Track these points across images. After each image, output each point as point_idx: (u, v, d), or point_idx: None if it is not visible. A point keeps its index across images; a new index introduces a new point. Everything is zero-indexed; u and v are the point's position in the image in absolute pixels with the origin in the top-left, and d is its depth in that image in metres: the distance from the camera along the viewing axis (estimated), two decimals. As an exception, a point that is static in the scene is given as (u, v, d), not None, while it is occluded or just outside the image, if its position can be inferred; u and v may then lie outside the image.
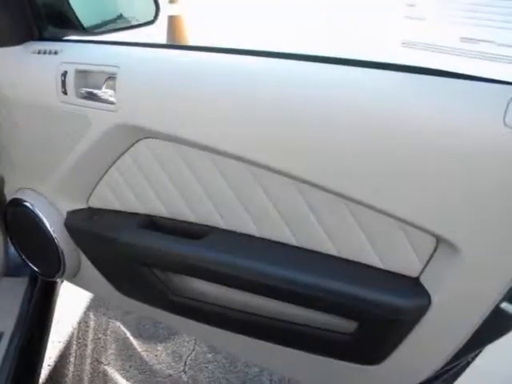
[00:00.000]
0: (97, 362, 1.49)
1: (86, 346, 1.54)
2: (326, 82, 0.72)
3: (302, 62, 0.76)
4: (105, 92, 0.88)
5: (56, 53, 0.94)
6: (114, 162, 0.93)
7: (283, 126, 0.73)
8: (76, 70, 0.90)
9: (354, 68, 0.73)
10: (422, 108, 0.66)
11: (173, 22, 4.51)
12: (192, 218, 0.91)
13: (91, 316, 1.65)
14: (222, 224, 0.88)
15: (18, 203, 1.07)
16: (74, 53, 0.95)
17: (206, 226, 0.90)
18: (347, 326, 0.82)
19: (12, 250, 1.19)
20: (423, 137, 0.65)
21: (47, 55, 0.95)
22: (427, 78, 0.68)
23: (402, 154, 0.66)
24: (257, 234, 0.86)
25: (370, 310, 0.76)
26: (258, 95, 0.75)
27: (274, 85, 0.75)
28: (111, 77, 0.87)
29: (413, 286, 0.75)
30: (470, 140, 0.62)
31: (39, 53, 0.96)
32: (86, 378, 1.44)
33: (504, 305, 0.69)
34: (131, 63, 0.87)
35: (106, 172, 0.96)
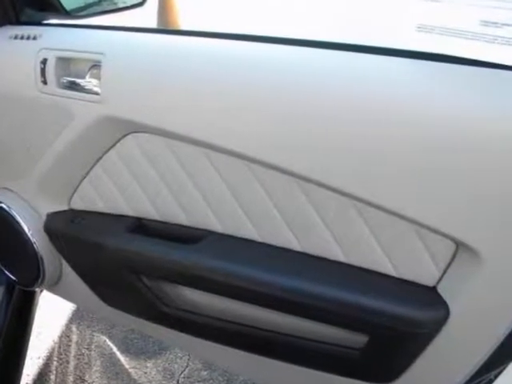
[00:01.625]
0: (80, 379, 1.49)
1: (68, 362, 1.54)
2: (333, 71, 0.72)
3: (306, 49, 0.76)
4: (89, 81, 0.87)
5: (35, 38, 0.94)
6: (99, 159, 0.93)
7: (286, 119, 0.73)
8: (57, 57, 0.90)
9: (363, 55, 0.73)
10: (439, 99, 0.66)
11: (163, 4, 4.51)
12: (185, 221, 0.91)
13: (74, 329, 1.65)
14: (218, 227, 0.88)
15: (-8, 204, 1.07)
16: (55, 38, 0.95)
17: (201, 229, 0.90)
18: (356, 340, 0.82)
19: (-14, 256, 1.19)
20: (440, 131, 0.65)
21: (25, 41, 0.95)
22: (445, 65, 0.68)
23: (417, 150, 0.66)
24: (257, 239, 0.86)
25: (381, 322, 0.76)
26: (259, 85, 0.75)
27: (275, 73, 0.74)
28: (96, 65, 0.87)
29: (429, 296, 0.75)
30: (492, 134, 0.62)
31: (16, 38, 0.96)
32: (67, 397, 1.44)
33: (530, 316, 0.69)
34: (118, 50, 0.87)
35: (89, 170, 0.95)
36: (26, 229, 1.04)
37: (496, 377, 0.76)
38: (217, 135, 0.78)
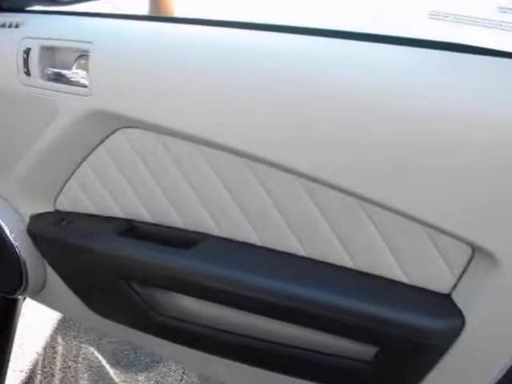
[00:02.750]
0: (66, 394, 1.49)
1: (53, 375, 1.54)
2: (339, 61, 0.72)
3: (310, 37, 0.76)
4: (75, 73, 0.87)
5: (17, 26, 0.94)
6: (87, 157, 0.93)
7: (288, 113, 0.73)
8: (41, 46, 0.90)
9: (372, 44, 0.73)
10: (452, 92, 0.66)
11: (156, -11, 4.50)
12: (180, 224, 0.91)
13: (59, 340, 1.65)
14: (215, 230, 0.88)
15: (-29, 206, 1.07)
16: (39, 26, 0.95)
17: (197, 232, 0.90)
18: (364, 351, 0.82)
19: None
20: (455, 126, 0.65)
21: (6, 29, 0.95)
22: (459, 55, 0.68)
23: (429, 148, 0.66)
24: (257, 243, 0.86)
25: (391, 333, 0.76)
26: (258, 76, 0.75)
27: (276, 64, 0.74)
28: (83, 55, 0.87)
29: (443, 304, 0.75)
30: (509, 131, 0.62)
31: (-3, 26, 0.96)
32: (53, 413, 1.44)
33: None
34: (107, 38, 0.87)
35: (76, 168, 0.95)
36: (7, 232, 1.04)
37: (515, 391, 0.76)
38: (213, 131, 0.78)
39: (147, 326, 0.99)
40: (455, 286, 0.74)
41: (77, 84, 0.87)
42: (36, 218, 1.03)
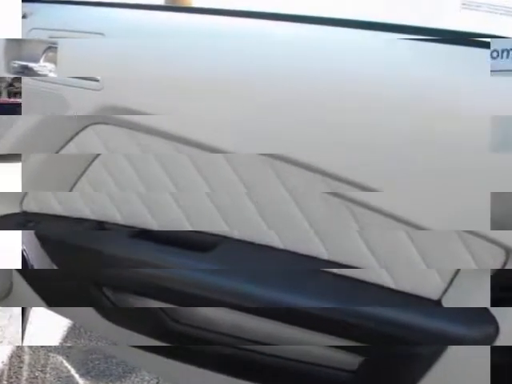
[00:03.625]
0: (32, 406, 1.48)
1: (19, 386, 1.53)
2: (343, 53, 0.72)
3: (316, 27, 0.77)
4: (43, 66, 0.87)
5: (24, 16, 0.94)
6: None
7: (291, 110, 0.73)
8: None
9: (380, 34, 0.73)
10: (465, 88, 0.66)
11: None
12: (154, 226, 0.91)
13: (26, 349, 1.64)
14: (234, 234, 0.88)
15: None
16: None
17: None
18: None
19: None
20: (466, 124, 0.65)
21: None
22: (465, 49, 0.68)
23: (444, 145, 0.66)
24: (280, 246, 0.86)
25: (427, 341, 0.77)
26: (259, 69, 0.75)
27: (279, 56, 0.74)
28: (51, 47, 0.86)
29: (478, 312, 0.75)
30: None
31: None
32: (18, 427, 1.44)
33: None
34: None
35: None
36: (-30, 233, 1.03)
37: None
38: (210, 129, 0.78)
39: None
40: None
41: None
42: (1, 220, 1.03)
